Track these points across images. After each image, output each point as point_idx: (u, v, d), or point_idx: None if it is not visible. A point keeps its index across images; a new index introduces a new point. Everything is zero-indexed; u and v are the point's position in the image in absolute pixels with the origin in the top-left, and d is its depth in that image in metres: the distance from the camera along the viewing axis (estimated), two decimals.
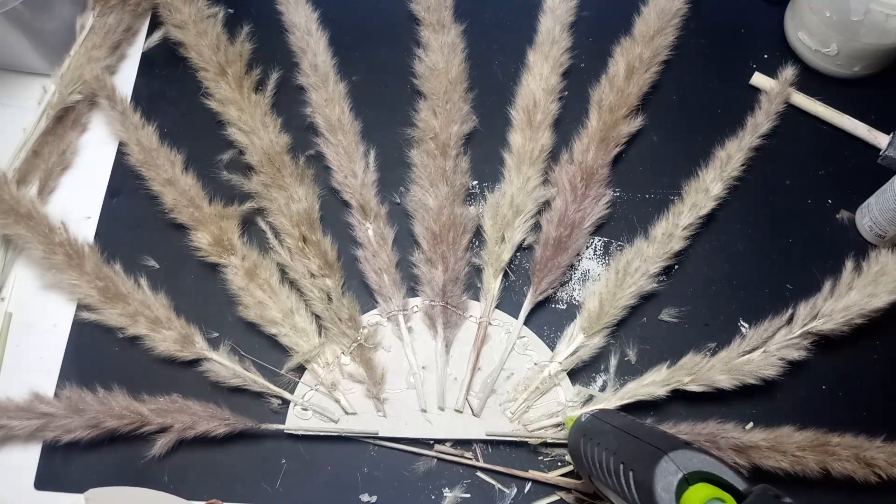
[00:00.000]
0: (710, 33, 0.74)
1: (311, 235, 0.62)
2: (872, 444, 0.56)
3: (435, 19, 0.70)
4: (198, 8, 0.70)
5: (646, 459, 0.40)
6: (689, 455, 0.40)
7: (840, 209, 0.67)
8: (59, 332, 0.62)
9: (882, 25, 0.62)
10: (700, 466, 0.39)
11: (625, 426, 0.46)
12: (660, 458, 0.39)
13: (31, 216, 0.61)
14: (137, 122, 0.66)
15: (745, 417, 0.59)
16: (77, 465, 0.58)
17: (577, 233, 0.63)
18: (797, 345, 0.58)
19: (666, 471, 0.39)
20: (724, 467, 0.39)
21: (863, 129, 0.69)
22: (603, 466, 0.44)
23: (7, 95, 0.70)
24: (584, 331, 0.60)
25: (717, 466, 0.39)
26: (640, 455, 0.41)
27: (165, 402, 0.57)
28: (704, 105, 0.71)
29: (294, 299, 0.61)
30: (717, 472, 0.39)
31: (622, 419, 0.48)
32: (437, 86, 0.67)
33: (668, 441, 0.41)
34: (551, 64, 0.68)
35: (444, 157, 0.65)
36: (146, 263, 0.64)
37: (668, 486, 0.39)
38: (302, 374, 0.60)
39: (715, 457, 0.40)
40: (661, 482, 0.39)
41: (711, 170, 0.65)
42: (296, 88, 0.70)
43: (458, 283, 0.62)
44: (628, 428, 0.46)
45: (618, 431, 0.46)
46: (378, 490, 0.58)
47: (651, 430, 0.45)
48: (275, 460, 0.58)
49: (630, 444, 0.44)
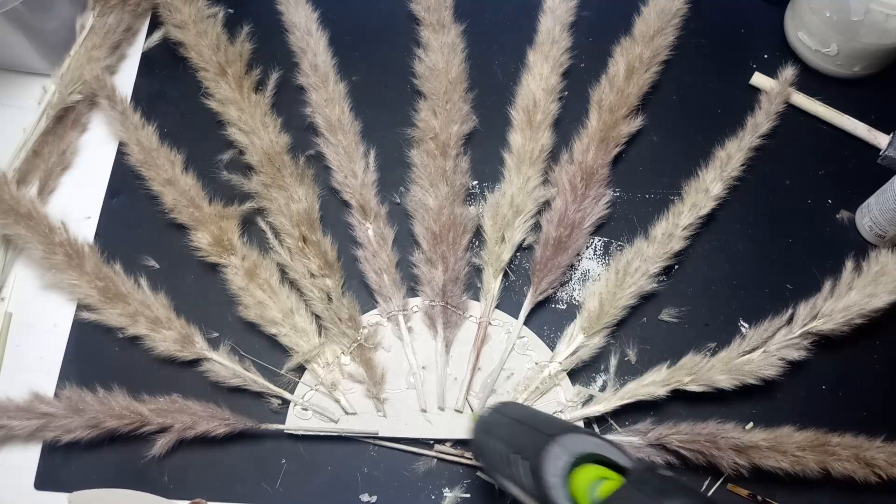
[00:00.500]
0: (710, 33, 0.74)
1: (311, 235, 0.62)
2: (872, 444, 0.56)
3: (435, 19, 0.70)
4: (198, 8, 0.70)
5: (537, 447, 0.40)
6: (578, 439, 0.40)
7: (840, 209, 0.67)
8: (59, 332, 0.62)
9: (882, 25, 0.62)
10: (588, 449, 0.40)
11: (521, 417, 0.46)
12: (549, 443, 0.40)
13: (31, 216, 0.61)
14: (137, 122, 0.66)
15: (745, 417, 0.59)
16: (77, 465, 0.58)
17: (577, 233, 0.63)
18: (797, 345, 0.58)
19: (555, 455, 0.39)
20: (611, 448, 0.40)
21: (863, 129, 0.69)
22: (501, 459, 0.44)
23: (7, 95, 0.70)
24: (584, 331, 0.60)
25: (605, 447, 0.40)
26: (532, 443, 0.41)
27: (165, 402, 0.57)
28: (704, 105, 0.71)
29: (294, 299, 0.61)
30: (603, 452, 0.40)
31: (520, 410, 0.48)
32: (437, 86, 0.67)
33: (558, 426, 0.42)
34: (551, 64, 0.68)
35: (444, 157, 0.65)
36: (146, 263, 0.64)
37: (556, 470, 0.39)
38: (302, 374, 0.60)
39: (603, 438, 0.41)
40: (550, 467, 0.39)
41: (711, 170, 0.65)
42: (296, 88, 0.70)
43: (458, 283, 0.62)
44: (523, 418, 0.46)
45: (513, 422, 0.46)
46: (378, 490, 0.58)
47: (544, 418, 0.45)
48: (275, 460, 0.58)
49: (523, 433, 0.44)
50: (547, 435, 0.41)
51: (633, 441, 0.57)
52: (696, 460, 0.56)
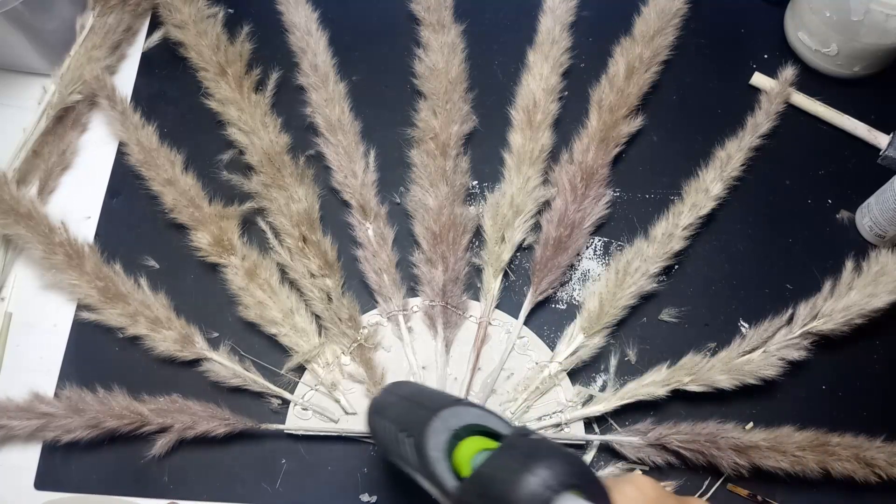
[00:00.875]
0: (710, 33, 0.74)
1: (311, 235, 0.62)
2: (872, 444, 0.56)
3: (435, 19, 0.70)
4: (198, 8, 0.70)
5: (420, 423, 0.40)
6: (459, 411, 0.40)
7: (840, 209, 0.67)
8: (59, 332, 0.62)
9: (882, 25, 0.62)
10: (468, 420, 0.40)
11: (409, 395, 0.46)
12: (430, 418, 0.40)
13: (31, 216, 0.61)
14: (137, 122, 0.66)
15: (745, 417, 0.59)
16: (77, 465, 0.58)
17: (577, 233, 0.63)
18: (797, 345, 0.58)
19: (436, 430, 0.39)
20: (491, 417, 0.40)
21: (863, 129, 0.69)
22: (391, 439, 0.44)
23: (7, 95, 0.70)
24: (584, 331, 0.60)
25: (485, 417, 0.40)
26: (416, 419, 0.41)
27: (165, 402, 0.57)
28: (704, 105, 0.71)
29: (294, 299, 0.61)
30: (484, 422, 0.40)
31: (408, 388, 0.48)
32: (437, 86, 0.67)
33: (440, 400, 0.41)
34: (551, 64, 0.68)
35: (444, 157, 0.65)
36: (146, 263, 0.64)
37: (438, 444, 0.39)
38: (302, 374, 0.60)
39: (485, 409, 0.40)
40: (432, 442, 0.39)
41: (711, 170, 0.65)
42: (296, 88, 0.70)
43: (458, 283, 0.62)
44: (411, 395, 0.45)
45: (401, 400, 0.46)
46: (378, 490, 0.58)
47: (429, 394, 0.45)
48: (275, 460, 0.58)
49: (409, 411, 0.44)
50: (430, 410, 0.40)
51: (633, 441, 0.57)
52: (696, 460, 0.56)
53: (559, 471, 0.33)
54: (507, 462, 0.35)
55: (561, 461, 0.33)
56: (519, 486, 0.32)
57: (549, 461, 0.33)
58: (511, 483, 0.33)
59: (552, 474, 0.32)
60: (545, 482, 0.32)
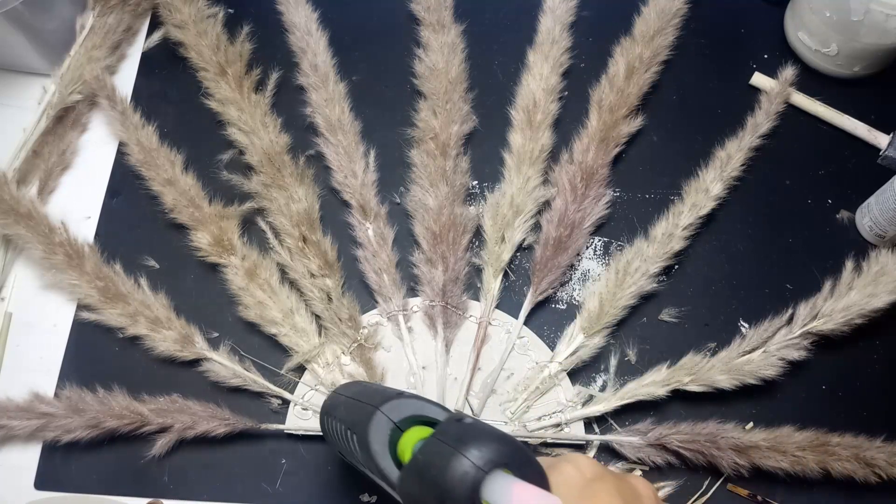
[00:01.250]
0: (710, 33, 0.74)
1: (311, 235, 0.62)
2: (872, 444, 0.56)
3: (435, 19, 0.70)
4: (198, 8, 0.70)
5: (363, 419, 0.41)
6: (399, 403, 0.40)
7: (840, 209, 0.67)
8: (59, 332, 0.62)
9: (882, 25, 0.62)
10: (409, 412, 0.40)
11: (355, 394, 0.46)
12: (373, 414, 0.40)
13: (31, 216, 0.61)
14: (137, 122, 0.66)
15: (745, 417, 0.59)
16: (77, 465, 0.58)
17: (577, 233, 0.63)
18: (797, 345, 0.58)
19: (378, 424, 0.40)
20: (431, 407, 0.41)
21: (863, 129, 0.69)
22: (340, 438, 0.45)
23: (7, 95, 0.70)
24: (584, 331, 0.60)
25: (424, 407, 0.41)
26: (359, 416, 0.42)
27: (165, 402, 0.57)
28: (704, 105, 0.71)
29: (294, 299, 0.61)
30: (423, 412, 0.40)
31: (355, 388, 0.48)
32: (437, 86, 0.67)
33: (382, 395, 0.42)
34: (551, 64, 0.68)
35: (444, 157, 0.65)
36: (146, 263, 0.64)
37: (381, 438, 0.40)
38: (302, 374, 0.60)
39: (425, 399, 0.41)
40: (375, 437, 0.40)
41: (711, 170, 0.65)
42: (296, 88, 0.70)
43: (458, 283, 0.62)
44: (356, 394, 0.46)
45: (348, 400, 0.46)
46: (378, 490, 0.58)
47: (373, 390, 0.45)
48: (275, 460, 0.58)
49: (354, 408, 0.44)
50: (372, 406, 0.41)
51: (633, 441, 0.57)
52: (696, 460, 0.56)
53: (488, 451, 0.33)
54: (439, 447, 0.35)
55: (490, 442, 0.34)
56: (450, 468, 0.33)
57: (478, 442, 0.34)
58: (443, 466, 0.34)
59: (481, 455, 0.33)
60: (475, 463, 0.33)
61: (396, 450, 0.39)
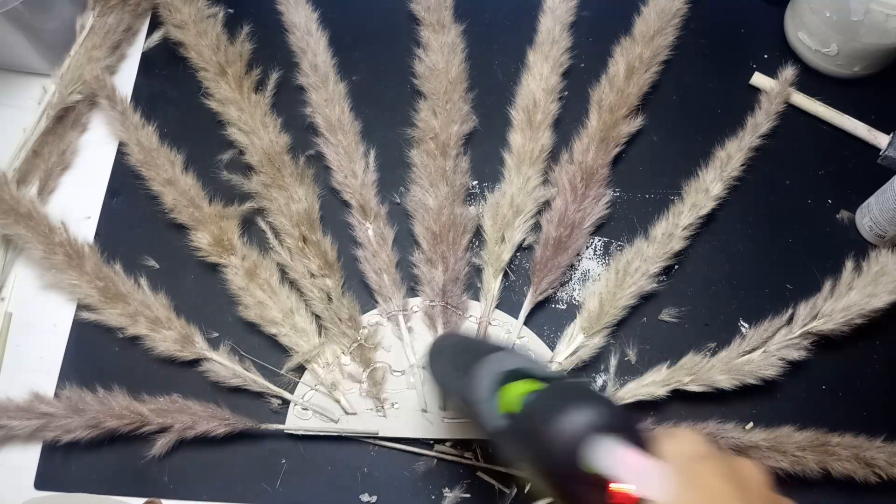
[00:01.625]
0: (710, 33, 0.74)
1: (311, 235, 0.62)
2: (872, 444, 0.56)
3: (435, 19, 0.70)
4: (198, 8, 0.70)
5: (472, 365, 0.43)
6: (505, 356, 0.42)
7: (840, 209, 0.67)
8: (59, 332, 0.62)
9: (882, 25, 0.62)
10: (515, 365, 0.42)
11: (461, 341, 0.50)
12: (481, 361, 0.42)
13: (31, 216, 0.61)
14: (137, 122, 0.66)
15: (745, 417, 0.59)
16: (77, 465, 0.58)
17: (577, 233, 0.63)
18: (797, 345, 0.58)
19: (485, 372, 0.41)
20: (535, 363, 0.42)
21: (863, 129, 0.69)
22: (446, 379, 0.48)
23: (7, 95, 0.70)
24: (584, 331, 0.60)
25: (529, 363, 0.42)
26: (469, 362, 0.44)
27: (165, 402, 0.57)
28: (704, 105, 0.71)
29: (294, 299, 0.61)
30: (528, 367, 0.42)
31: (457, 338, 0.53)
32: (437, 86, 0.67)
33: (489, 347, 0.44)
34: (551, 64, 0.68)
35: (444, 157, 0.65)
36: (146, 263, 0.64)
37: (488, 385, 0.41)
38: (302, 374, 0.60)
39: (528, 357, 0.43)
40: (482, 384, 0.41)
41: (711, 170, 0.65)
42: (296, 88, 0.70)
43: (458, 283, 0.62)
44: (462, 343, 0.49)
45: (454, 347, 0.50)
46: (378, 490, 0.58)
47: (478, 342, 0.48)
48: (275, 460, 0.58)
49: (460, 356, 0.47)
50: (477, 356, 0.43)
51: None
52: None
53: (600, 414, 0.33)
54: (550, 401, 0.36)
55: (600, 405, 0.34)
56: (557, 422, 0.33)
57: (592, 404, 0.34)
58: (550, 420, 0.34)
59: (590, 415, 0.33)
60: (583, 422, 0.33)
61: (498, 398, 0.40)
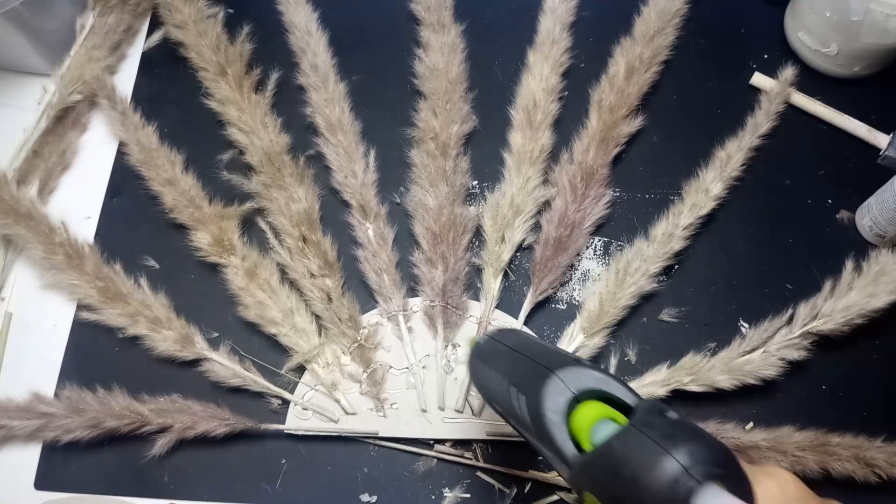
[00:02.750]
0: (710, 33, 0.74)
1: (311, 235, 0.62)
2: (872, 444, 0.56)
3: (435, 19, 0.70)
4: (198, 8, 0.70)
5: (535, 380, 0.38)
6: (579, 372, 0.37)
7: (840, 209, 0.67)
8: (59, 332, 0.62)
9: (882, 25, 0.62)
10: (590, 384, 0.37)
11: (518, 345, 0.43)
12: (548, 377, 0.37)
13: (31, 216, 0.61)
14: (137, 122, 0.66)
15: (745, 417, 0.59)
16: (77, 465, 0.58)
17: (577, 233, 0.63)
18: (797, 345, 0.58)
19: (555, 390, 0.37)
20: (614, 383, 0.37)
21: (863, 129, 0.69)
22: (497, 390, 0.42)
23: (7, 95, 0.70)
24: (584, 331, 0.60)
25: (608, 382, 0.37)
26: (530, 376, 0.39)
27: (165, 402, 0.57)
28: (704, 105, 0.71)
29: (294, 299, 0.61)
30: (606, 388, 0.37)
31: (516, 338, 0.45)
32: (437, 86, 0.67)
33: (558, 359, 0.39)
34: (551, 64, 0.68)
35: (444, 157, 0.65)
36: (146, 263, 0.64)
37: (556, 406, 0.36)
38: (302, 374, 0.60)
39: (606, 373, 0.38)
40: (550, 403, 0.36)
41: (711, 170, 0.65)
42: (296, 88, 0.70)
43: (458, 283, 0.62)
44: (521, 347, 0.43)
45: (511, 352, 0.43)
46: (378, 490, 0.58)
47: (543, 349, 0.42)
48: (275, 460, 0.58)
49: (521, 364, 0.41)
50: (546, 367, 0.38)
51: None
52: None
53: (702, 457, 0.30)
54: (644, 441, 0.32)
55: (704, 446, 0.31)
56: (657, 469, 0.30)
57: (692, 445, 0.30)
58: (648, 466, 0.30)
59: (694, 461, 0.30)
60: (688, 470, 0.30)
61: (570, 422, 0.36)
